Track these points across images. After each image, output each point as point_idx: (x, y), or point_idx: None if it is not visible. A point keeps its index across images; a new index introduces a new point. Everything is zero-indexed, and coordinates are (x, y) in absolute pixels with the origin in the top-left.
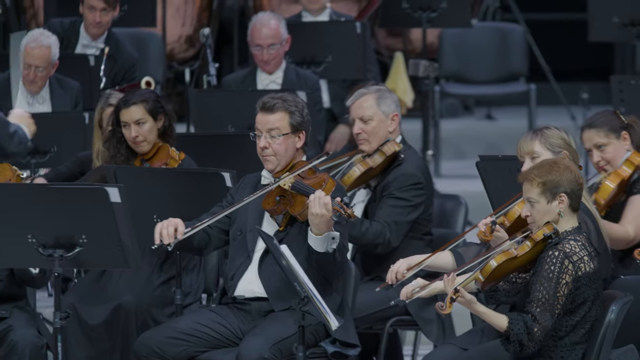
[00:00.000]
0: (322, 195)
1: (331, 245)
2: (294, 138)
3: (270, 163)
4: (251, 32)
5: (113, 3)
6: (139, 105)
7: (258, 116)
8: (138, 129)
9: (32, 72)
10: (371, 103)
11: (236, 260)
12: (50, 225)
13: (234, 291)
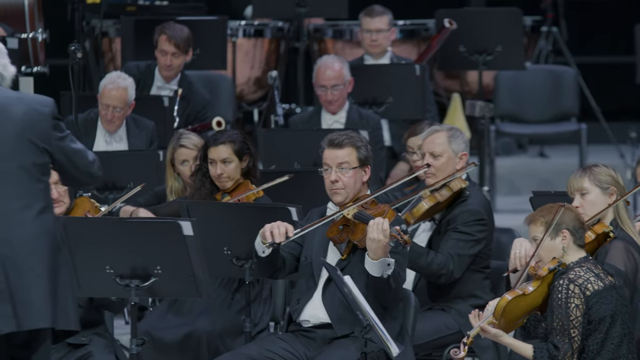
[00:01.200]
0: (381, 222)
1: (386, 271)
2: (361, 172)
3: (339, 196)
4: (316, 74)
5: (184, 47)
6: (227, 145)
7: (326, 152)
8: (224, 167)
9: (110, 112)
10: (443, 140)
11: (302, 286)
12: (127, 257)
13: (299, 315)
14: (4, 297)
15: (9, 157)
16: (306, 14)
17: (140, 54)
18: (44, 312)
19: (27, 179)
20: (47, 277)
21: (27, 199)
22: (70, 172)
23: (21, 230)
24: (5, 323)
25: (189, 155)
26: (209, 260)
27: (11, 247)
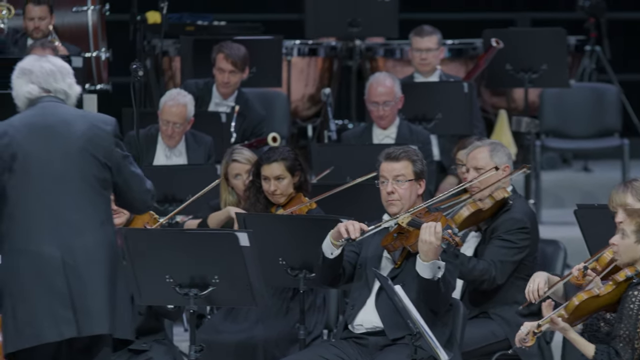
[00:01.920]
0: (433, 225)
1: (437, 274)
2: (416, 185)
3: (395, 207)
4: (368, 91)
5: (241, 66)
6: (280, 162)
7: (383, 165)
8: (277, 183)
9: (170, 127)
10: (485, 155)
11: (357, 293)
12: (186, 266)
13: (353, 320)
14: (65, 304)
15: (72, 171)
16: (358, 33)
17: (199, 72)
18: (102, 318)
19: (89, 192)
20: (106, 286)
21: (89, 210)
22: (125, 193)
23: (83, 240)
24: (67, 328)
25: (241, 169)
26: (265, 270)
27: (73, 256)
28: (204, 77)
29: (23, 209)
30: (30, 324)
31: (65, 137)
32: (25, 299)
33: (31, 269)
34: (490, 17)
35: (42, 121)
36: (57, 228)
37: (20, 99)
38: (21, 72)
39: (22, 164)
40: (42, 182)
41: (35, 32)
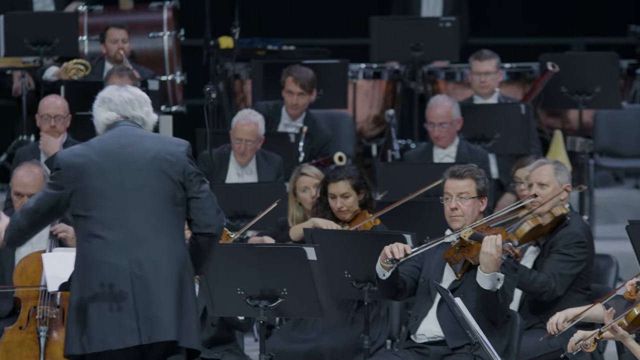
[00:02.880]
0: (494, 238)
1: (496, 285)
2: (478, 202)
3: (457, 222)
4: (428, 112)
5: (309, 88)
6: (346, 181)
7: (448, 182)
8: (343, 201)
9: (243, 145)
10: (550, 172)
11: (420, 304)
12: (256, 280)
13: (416, 330)
14: (131, 314)
15: (145, 188)
16: (421, 57)
17: (269, 95)
18: (169, 326)
19: (162, 208)
20: (174, 296)
21: (160, 225)
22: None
23: (152, 252)
24: (130, 337)
25: (309, 183)
26: (331, 282)
27: (141, 268)
28: (274, 99)
29: (98, 223)
30: (98, 330)
31: (139, 156)
32: (94, 307)
33: (100, 279)
34: (546, 42)
35: (118, 141)
36: (128, 241)
37: (99, 125)
38: (101, 101)
39: (98, 182)
40: (115, 199)
41: (119, 54)
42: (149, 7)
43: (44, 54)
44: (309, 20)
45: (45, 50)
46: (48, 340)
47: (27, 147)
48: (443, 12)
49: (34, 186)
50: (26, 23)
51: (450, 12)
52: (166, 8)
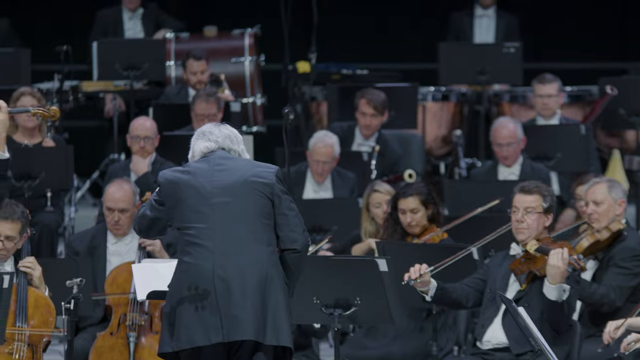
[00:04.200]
0: (561, 251)
1: (562, 297)
2: (544, 217)
3: (522, 234)
4: (493, 133)
5: (381, 110)
6: (415, 197)
7: (517, 196)
8: (413, 215)
9: (320, 166)
10: (604, 190)
11: (486, 313)
12: (331, 289)
13: (482, 337)
14: (214, 311)
15: (235, 202)
16: (486, 81)
17: (343, 116)
18: (248, 326)
19: (251, 221)
20: (255, 298)
21: (247, 234)
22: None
23: (238, 258)
24: (215, 334)
25: (381, 199)
26: (402, 292)
27: (225, 271)
28: (348, 120)
29: (193, 235)
30: (185, 328)
31: (232, 176)
32: (183, 307)
33: (189, 281)
34: (605, 66)
35: (213, 162)
36: (217, 248)
37: (196, 154)
38: (201, 134)
39: (194, 199)
40: (209, 214)
41: (198, 84)
42: (232, 34)
43: (134, 78)
44: (381, 46)
45: (135, 75)
46: (137, 345)
47: (118, 164)
48: (495, 38)
49: (124, 201)
50: (117, 49)
51: (502, 38)
52: (248, 35)
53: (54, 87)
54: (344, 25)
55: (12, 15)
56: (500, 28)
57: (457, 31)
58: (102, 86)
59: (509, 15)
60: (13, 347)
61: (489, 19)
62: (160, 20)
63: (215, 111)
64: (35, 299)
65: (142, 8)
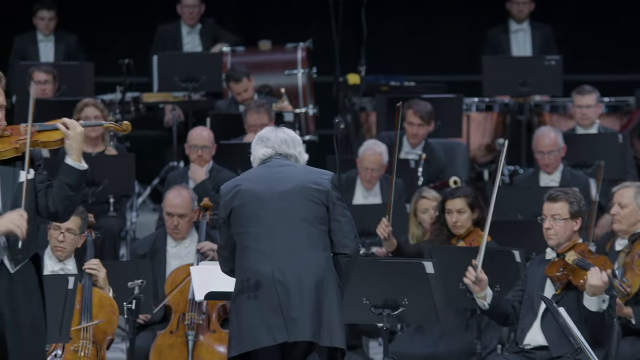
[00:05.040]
0: (599, 273)
1: (602, 306)
2: (572, 222)
3: (551, 240)
4: (535, 142)
5: (427, 119)
6: (462, 198)
7: (545, 204)
8: (459, 216)
9: (369, 173)
10: (630, 194)
11: (525, 317)
12: (380, 290)
13: (522, 341)
14: (277, 312)
15: (291, 208)
16: (528, 92)
17: (391, 125)
18: (305, 328)
19: (307, 226)
20: (311, 300)
21: (303, 239)
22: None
23: (294, 261)
24: (279, 334)
25: (428, 205)
26: (447, 292)
27: (283, 275)
28: None
29: (251, 239)
30: (250, 330)
31: (289, 183)
32: (246, 310)
33: (250, 284)
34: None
35: (270, 170)
36: (274, 253)
37: (256, 160)
38: (259, 139)
39: (252, 205)
40: (267, 219)
41: (245, 102)
42: (286, 48)
43: (192, 90)
44: (428, 58)
45: (193, 87)
46: (195, 343)
47: (176, 172)
48: (532, 51)
49: (183, 207)
50: (176, 62)
51: (539, 49)
52: (300, 48)
53: (116, 99)
54: (392, 40)
55: (79, 30)
56: (536, 40)
57: (494, 47)
58: (162, 97)
59: (543, 27)
60: (78, 344)
61: (525, 32)
62: (217, 35)
63: (266, 121)
64: (99, 299)
65: (200, 23)
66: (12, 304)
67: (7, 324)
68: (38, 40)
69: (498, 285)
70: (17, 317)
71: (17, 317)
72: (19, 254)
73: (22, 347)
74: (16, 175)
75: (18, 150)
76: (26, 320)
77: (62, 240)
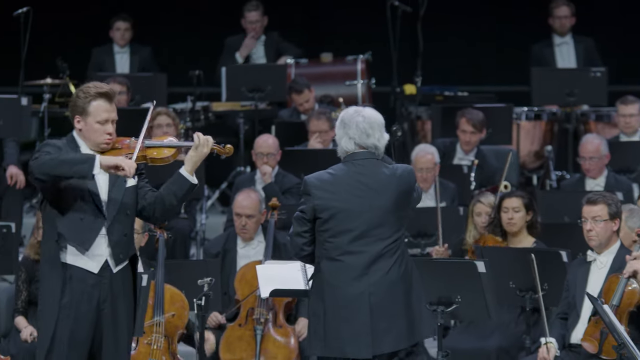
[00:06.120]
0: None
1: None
2: (611, 223)
3: (593, 241)
4: (580, 148)
5: (480, 127)
6: (519, 198)
7: (584, 207)
8: (514, 214)
9: (423, 174)
10: None
11: (570, 317)
12: (435, 288)
13: (569, 338)
14: (365, 329)
15: (379, 216)
16: (574, 102)
17: (446, 133)
18: (401, 337)
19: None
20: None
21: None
22: None
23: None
24: (365, 350)
25: (482, 210)
26: (498, 291)
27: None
28: (450, 137)
29: (337, 248)
30: (337, 338)
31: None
32: (332, 315)
33: (338, 295)
34: None
35: (358, 177)
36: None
37: (341, 148)
38: (342, 123)
39: (344, 212)
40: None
41: (306, 112)
42: (346, 60)
43: (258, 99)
44: (480, 70)
45: (259, 96)
46: (263, 337)
47: (244, 176)
48: (577, 63)
49: (251, 208)
50: (244, 74)
51: (583, 61)
52: (360, 61)
53: (187, 107)
54: (447, 52)
55: (152, 44)
56: (580, 53)
57: (539, 61)
58: (230, 106)
59: (585, 40)
60: (151, 338)
61: (568, 46)
62: (280, 47)
63: (326, 128)
64: (171, 295)
65: (264, 36)
66: (112, 301)
67: (106, 319)
68: (114, 53)
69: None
70: (116, 314)
71: (116, 314)
72: (120, 253)
73: (117, 342)
74: (124, 180)
75: None
76: (123, 316)
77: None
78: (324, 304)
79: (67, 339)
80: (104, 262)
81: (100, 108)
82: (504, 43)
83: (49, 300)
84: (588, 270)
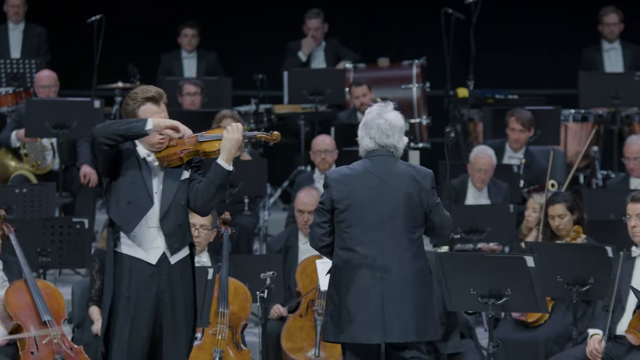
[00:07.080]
0: None
1: None
2: None
3: (637, 237)
4: (625, 148)
5: (528, 126)
6: (562, 204)
7: (629, 205)
8: (560, 220)
9: (482, 174)
10: None
11: (616, 310)
12: (486, 282)
13: (615, 330)
14: (377, 316)
15: (395, 212)
16: (620, 104)
17: (496, 134)
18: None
19: (406, 228)
20: (415, 305)
21: (403, 242)
22: (437, 231)
23: (397, 264)
24: (376, 336)
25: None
26: (547, 284)
27: (388, 276)
28: (500, 138)
29: (353, 238)
30: (350, 324)
31: (393, 188)
32: (348, 302)
33: (352, 277)
34: None
35: (376, 172)
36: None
37: (362, 146)
38: (365, 125)
39: (358, 204)
40: (371, 218)
41: (362, 107)
42: (402, 64)
43: (318, 102)
44: (529, 74)
45: (320, 99)
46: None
47: (304, 175)
48: (624, 67)
49: (312, 205)
50: (305, 78)
51: (630, 66)
52: (415, 65)
53: (251, 110)
54: (498, 57)
55: (219, 49)
56: (627, 58)
57: (589, 64)
58: (292, 109)
59: (633, 46)
60: (216, 328)
61: (616, 51)
62: (339, 52)
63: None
64: (234, 288)
65: (325, 42)
66: (171, 291)
67: (166, 310)
68: (182, 58)
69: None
70: (174, 304)
71: (174, 304)
72: (175, 243)
73: (177, 332)
74: (179, 174)
75: (182, 160)
76: (181, 306)
77: (197, 235)
78: (339, 291)
79: (128, 328)
80: (162, 254)
81: (149, 112)
82: (553, 49)
83: (109, 290)
84: (633, 265)
